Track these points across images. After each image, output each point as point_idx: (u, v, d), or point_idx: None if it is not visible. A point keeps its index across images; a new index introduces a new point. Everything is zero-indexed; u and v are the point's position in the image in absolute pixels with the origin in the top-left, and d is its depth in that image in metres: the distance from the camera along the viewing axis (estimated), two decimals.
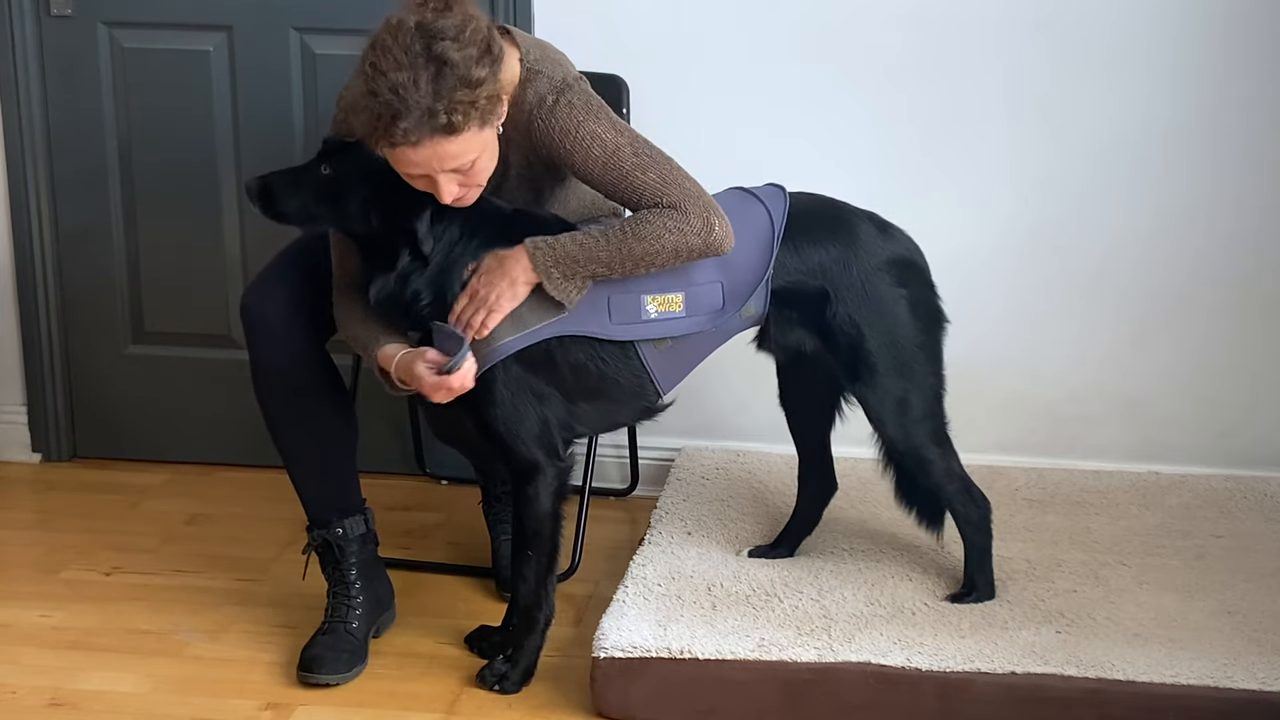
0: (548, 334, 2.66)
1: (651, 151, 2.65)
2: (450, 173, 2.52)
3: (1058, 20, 3.38)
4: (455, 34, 2.44)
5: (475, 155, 2.53)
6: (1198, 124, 3.40)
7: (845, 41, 3.44)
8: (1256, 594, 2.93)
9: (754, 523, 3.24)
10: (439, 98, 2.42)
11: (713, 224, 2.61)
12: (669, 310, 2.70)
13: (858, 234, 2.79)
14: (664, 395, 2.79)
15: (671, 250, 2.60)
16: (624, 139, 2.64)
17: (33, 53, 3.72)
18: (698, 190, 2.63)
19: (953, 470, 2.88)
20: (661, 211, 2.61)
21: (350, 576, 2.94)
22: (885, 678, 2.62)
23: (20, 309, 3.88)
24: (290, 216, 2.69)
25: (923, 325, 2.82)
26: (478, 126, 2.49)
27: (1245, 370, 3.52)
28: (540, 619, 2.80)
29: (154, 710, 2.79)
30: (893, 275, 2.79)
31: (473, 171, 2.55)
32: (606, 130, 2.64)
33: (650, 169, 2.62)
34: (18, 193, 3.79)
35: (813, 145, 3.49)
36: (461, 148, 2.49)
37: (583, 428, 2.81)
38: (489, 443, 2.75)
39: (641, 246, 2.60)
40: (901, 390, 2.80)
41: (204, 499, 3.73)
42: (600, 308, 2.67)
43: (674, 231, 2.59)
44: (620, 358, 2.72)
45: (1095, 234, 3.48)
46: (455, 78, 2.43)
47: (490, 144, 2.57)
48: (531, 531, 2.75)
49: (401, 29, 2.44)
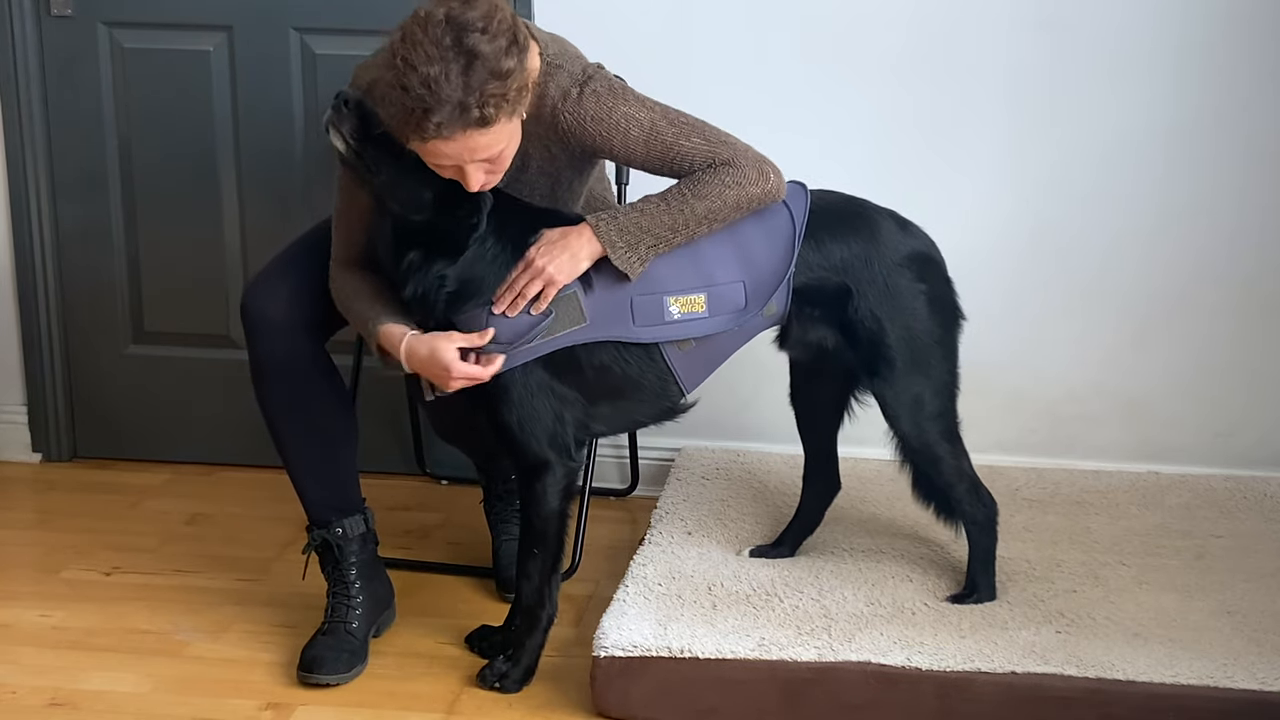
0: (570, 341, 2.66)
1: (686, 118, 2.68)
2: (479, 162, 2.53)
3: (1059, 20, 3.38)
4: (484, 25, 2.45)
5: (504, 145, 2.54)
6: (1198, 124, 3.40)
7: (847, 41, 3.44)
8: (1256, 594, 2.93)
9: (754, 523, 3.24)
10: (470, 91, 2.42)
11: (767, 172, 2.66)
12: (692, 311, 2.70)
13: (879, 230, 2.80)
14: (688, 395, 2.80)
15: (734, 203, 2.64)
16: (657, 114, 2.67)
17: (33, 53, 3.72)
18: (742, 143, 2.68)
19: (963, 469, 2.89)
20: (715, 170, 2.64)
21: (350, 576, 2.94)
22: (885, 677, 2.62)
23: (20, 309, 3.88)
24: (368, 156, 2.56)
25: (940, 321, 2.83)
26: (508, 117, 2.50)
27: (1245, 370, 3.52)
28: (543, 618, 2.80)
29: (154, 710, 2.79)
30: (913, 271, 2.80)
31: (499, 160, 2.57)
32: (637, 110, 2.67)
33: (692, 134, 2.66)
34: (18, 193, 3.79)
35: (813, 145, 3.48)
36: (492, 139, 2.50)
37: (601, 427, 2.82)
38: (499, 439, 2.74)
39: (704, 205, 2.62)
40: (918, 386, 2.80)
41: (204, 499, 3.73)
42: (624, 310, 2.67)
43: (733, 185, 2.63)
44: (645, 359, 2.72)
45: (1096, 234, 3.48)
46: (486, 70, 2.43)
47: (516, 133, 2.58)
48: (538, 530, 2.75)
49: (430, 21, 2.44)
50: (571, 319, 2.66)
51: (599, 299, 2.67)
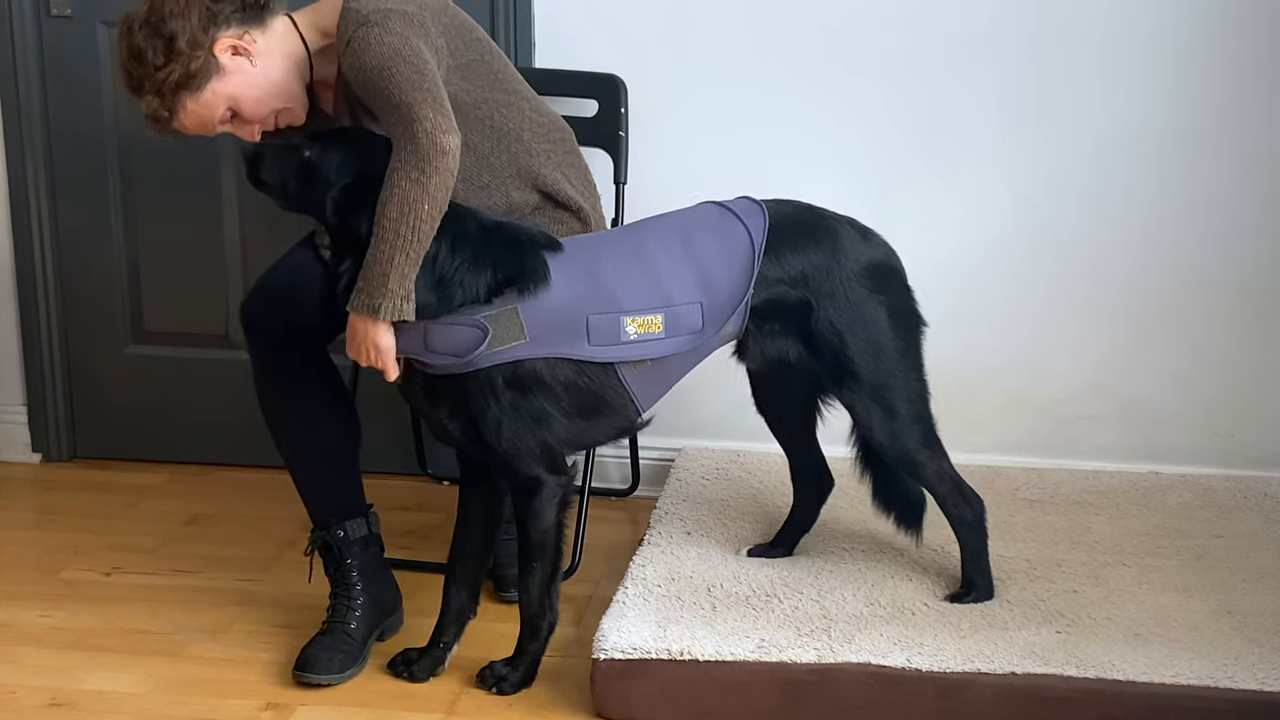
0: (515, 356, 2.62)
1: (423, 78, 2.57)
2: (225, 125, 2.75)
3: (1056, 22, 3.38)
4: (139, 24, 2.66)
5: (221, 108, 2.71)
6: (1196, 123, 3.40)
7: (845, 42, 3.44)
8: (1256, 594, 2.93)
9: (754, 523, 3.24)
10: (138, 94, 2.70)
11: (439, 142, 2.52)
12: (649, 331, 2.67)
13: (839, 240, 2.78)
14: (643, 414, 2.78)
15: (417, 197, 2.52)
16: (398, 62, 2.58)
17: (33, 53, 3.72)
18: (429, 117, 2.54)
19: (944, 471, 2.88)
20: (394, 164, 2.54)
21: (351, 578, 2.94)
22: (885, 678, 2.62)
23: (20, 309, 3.88)
24: (269, 188, 2.69)
25: (903, 330, 2.81)
26: (189, 95, 2.67)
27: (1245, 370, 3.52)
28: (545, 626, 2.79)
29: (154, 710, 2.79)
30: (873, 281, 2.78)
31: (243, 114, 2.73)
32: (375, 59, 2.58)
33: (408, 89, 2.56)
34: (18, 193, 3.79)
35: (812, 145, 3.49)
36: (194, 120, 2.72)
37: (573, 445, 2.78)
38: (491, 461, 2.74)
39: (393, 209, 2.52)
40: (887, 395, 2.79)
41: (204, 499, 3.73)
42: (579, 330, 2.65)
43: (411, 181, 2.52)
44: (603, 377, 2.70)
45: (1095, 234, 3.48)
46: (135, 79, 2.68)
47: (237, 86, 2.70)
48: (536, 542, 2.75)
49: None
50: (511, 334, 2.61)
51: (541, 315, 2.62)
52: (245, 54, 2.69)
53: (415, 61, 2.58)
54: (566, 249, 2.69)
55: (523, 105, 2.89)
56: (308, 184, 2.65)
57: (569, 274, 2.65)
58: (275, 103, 2.74)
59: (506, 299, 2.61)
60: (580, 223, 2.92)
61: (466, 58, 2.78)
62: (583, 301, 2.65)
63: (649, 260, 2.69)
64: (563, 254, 2.67)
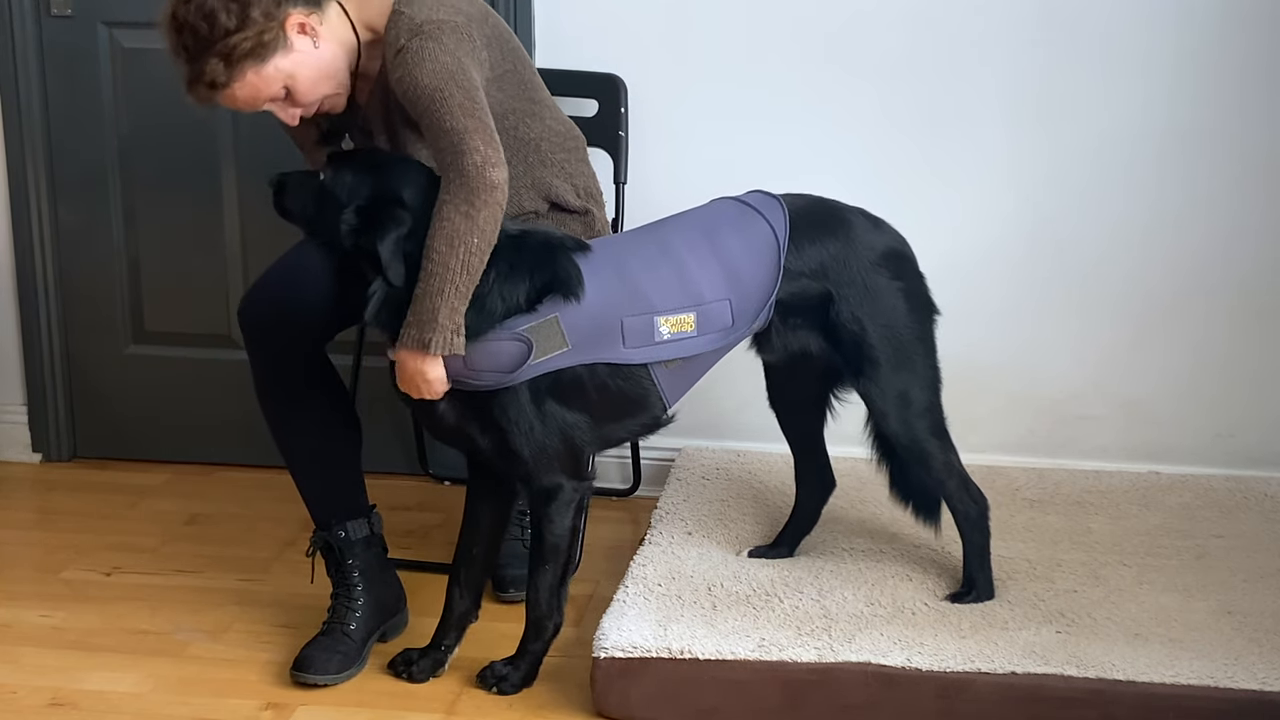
0: (555, 365, 2.63)
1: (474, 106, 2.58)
2: (272, 103, 2.68)
3: (1057, 21, 3.38)
4: None
5: (279, 84, 2.64)
6: (1197, 123, 3.40)
7: (845, 41, 3.44)
8: (1256, 594, 2.93)
9: (754, 523, 3.24)
10: (198, 57, 2.60)
11: (489, 177, 2.53)
12: (681, 330, 2.68)
13: (853, 229, 2.79)
14: (670, 409, 2.79)
15: (466, 230, 2.53)
16: (449, 86, 2.59)
17: (33, 53, 3.72)
18: (479, 151, 2.55)
19: (952, 465, 2.88)
20: (444, 196, 2.55)
21: (353, 579, 2.94)
22: (885, 678, 2.62)
23: (20, 309, 3.88)
24: (293, 216, 2.72)
25: (918, 316, 2.83)
26: (254, 65, 2.60)
27: (1246, 370, 3.52)
28: (550, 627, 2.79)
29: (154, 710, 2.79)
30: (889, 268, 2.79)
31: (296, 94, 2.67)
32: (430, 78, 2.58)
33: (461, 116, 2.57)
34: (18, 192, 3.79)
35: (812, 145, 3.49)
36: (249, 93, 2.64)
37: (599, 445, 2.79)
38: (509, 466, 2.71)
39: (445, 244, 2.53)
40: (903, 383, 2.80)
41: (204, 499, 3.73)
42: (614, 333, 2.66)
43: (460, 214, 2.53)
44: (635, 377, 2.71)
45: (1095, 234, 3.48)
46: (200, 41, 2.59)
47: (299, 65, 2.65)
48: (550, 546, 2.74)
49: None
50: (553, 344, 2.62)
51: (579, 321, 2.63)
52: (312, 34, 2.67)
53: (468, 86, 2.59)
54: (594, 251, 2.69)
55: (544, 114, 2.90)
56: (322, 208, 2.65)
57: (600, 277, 2.65)
58: (327, 87, 2.72)
59: (547, 307, 2.61)
60: (584, 226, 2.92)
61: (502, 69, 2.79)
62: (616, 304, 2.65)
63: (676, 259, 2.69)
64: (592, 256, 2.67)
